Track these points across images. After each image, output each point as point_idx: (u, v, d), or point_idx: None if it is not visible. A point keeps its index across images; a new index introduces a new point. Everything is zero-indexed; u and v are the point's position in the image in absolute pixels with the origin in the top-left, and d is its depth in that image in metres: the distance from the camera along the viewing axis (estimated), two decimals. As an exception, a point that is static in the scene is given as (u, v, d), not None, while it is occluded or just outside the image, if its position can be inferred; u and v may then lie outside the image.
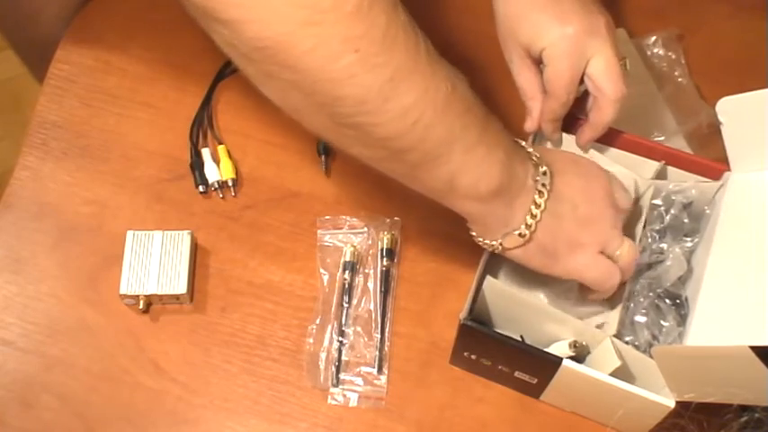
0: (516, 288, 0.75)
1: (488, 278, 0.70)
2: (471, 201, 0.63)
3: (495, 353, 0.71)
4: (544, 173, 0.65)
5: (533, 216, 0.64)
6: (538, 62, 0.74)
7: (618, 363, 0.67)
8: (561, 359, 0.68)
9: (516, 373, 0.72)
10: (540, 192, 0.64)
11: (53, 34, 0.90)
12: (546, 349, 0.71)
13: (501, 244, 0.66)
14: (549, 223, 0.65)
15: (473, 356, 0.73)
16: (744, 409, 0.67)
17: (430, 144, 0.59)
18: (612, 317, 0.71)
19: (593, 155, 0.77)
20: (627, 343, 0.70)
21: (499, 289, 0.71)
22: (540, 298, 0.75)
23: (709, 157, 0.78)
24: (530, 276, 0.73)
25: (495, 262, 0.73)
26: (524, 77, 0.75)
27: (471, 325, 0.69)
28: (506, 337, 0.70)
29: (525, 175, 0.64)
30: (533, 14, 0.72)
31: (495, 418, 0.75)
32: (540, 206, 0.64)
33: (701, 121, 0.86)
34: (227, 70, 0.90)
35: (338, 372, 0.75)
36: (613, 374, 0.67)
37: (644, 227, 0.74)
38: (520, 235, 0.65)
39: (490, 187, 0.62)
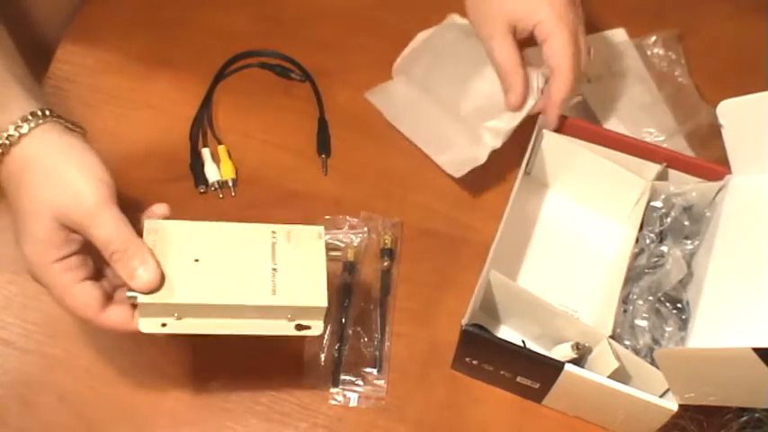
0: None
1: (493, 272, 0.70)
2: None
3: (497, 358, 0.71)
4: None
5: None
6: (521, 41, 0.76)
7: (616, 364, 0.68)
8: (563, 364, 0.67)
9: (518, 378, 0.72)
10: None
11: (52, 34, 0.90)
12: (548, 352, 0.71)
13: None
14: None
15: (475, 362, 0.73)
16: (744, 409, 0.67)
17: None
18: (607, 317, 0.71)
19: (595, 157, 0.77)
20: (626, 347, 0.70)
21: (505, 283, 0.71)
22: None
23: (710, 156, 0.78)
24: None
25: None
26: (506, 53, 0.76)
27: (473, 330, 0.69)
28: (508, 342, 0.70)
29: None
30: None
31: (496, 418, 0.75)
32: None
33: (701, 121, 0.86)
34: (226, 70, 0.90)
35: (338, 372, 0.75)
36: (611, 376, 0.68)
37: (641, 229, 0.74)
38: None
39: None
